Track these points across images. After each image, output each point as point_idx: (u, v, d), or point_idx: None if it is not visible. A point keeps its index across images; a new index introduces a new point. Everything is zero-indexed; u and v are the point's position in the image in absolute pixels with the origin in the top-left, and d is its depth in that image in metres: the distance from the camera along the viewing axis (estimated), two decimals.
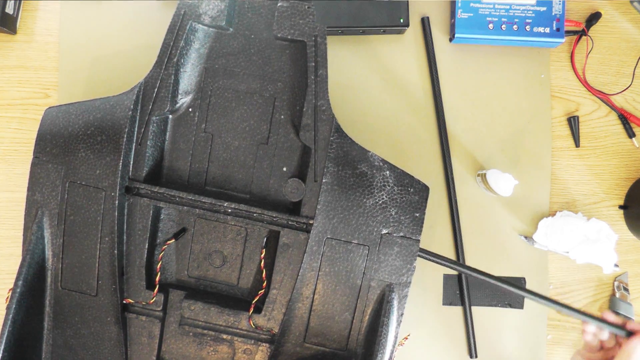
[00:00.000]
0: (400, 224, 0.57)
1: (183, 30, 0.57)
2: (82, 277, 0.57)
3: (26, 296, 0.55)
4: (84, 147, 0.57)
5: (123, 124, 0.56)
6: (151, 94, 0.57)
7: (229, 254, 0.61)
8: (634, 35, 0.70)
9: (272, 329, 0.59)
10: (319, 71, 0.57)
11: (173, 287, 0.60)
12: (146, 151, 0.58)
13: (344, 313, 0.57)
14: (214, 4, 0.57)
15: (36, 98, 0.70)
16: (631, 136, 0.70)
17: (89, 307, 0.58)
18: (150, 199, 0.58)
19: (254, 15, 0.59)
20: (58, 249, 0.57)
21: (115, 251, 0.56)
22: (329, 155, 0.57)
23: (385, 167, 0.58)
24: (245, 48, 0.60)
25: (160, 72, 0.57)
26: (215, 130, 0.61)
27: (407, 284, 0.57)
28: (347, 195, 0.57)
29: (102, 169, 0.56)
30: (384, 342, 0.54)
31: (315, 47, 0.57)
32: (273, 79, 0.60)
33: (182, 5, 0.57)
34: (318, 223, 0.56)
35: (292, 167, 0.60)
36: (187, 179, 0.61)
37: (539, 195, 0.69)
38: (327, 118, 0.57)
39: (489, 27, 0.66)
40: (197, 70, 0.60)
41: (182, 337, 0.59)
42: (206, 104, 0.60)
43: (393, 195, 0.57)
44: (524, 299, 0.69)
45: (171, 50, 0.57)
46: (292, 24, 0.57)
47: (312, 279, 0.57)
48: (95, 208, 0.56)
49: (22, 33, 0.70)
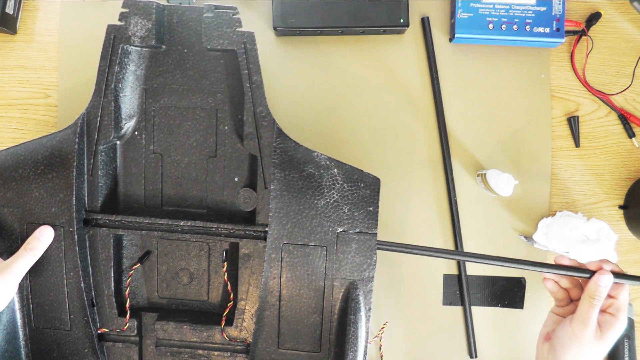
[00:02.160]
0: (354, 220, 0.56)
1: (115, 54, 0.56)
2: (54, 314, 0.58)
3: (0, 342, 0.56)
4: (36, 186, 0.57)
5: (70, 158, 0.56)
6: (95, 123, 0.57)
7: (195, 271, 0.62)
8: (634, 35, 0.70)
9: (245, 339, 0.59)
10: (253, 78, 0.57)
11: (146, 310, 0.61)
12: (99, 181, 0.58)
13: (312, 315, 0.57)
14: (141, 24, 0.56)
15: (36, 98, 0.70)
16: (631, 136, 0.70)
17: (65, 342, 0.58)
18: (109, 228, 0.58)
19: (184, 30, 0.59)
20: (26, 290, 0.57)
21: (82, 284, 0.57)
22: (274, 161, 0.57)
23: (333, 165, 0.57)
24: (181, 64, 0.60)
25: (100, 101, 0.57)
26: (164, 150, 0.61)
27: (371, 279, 0.56)
28: (297, 198, 0.57)
29: (57, 206, 0.56)
30: (354, 340, 0.54)
31: (245, 54, 0.56)
32: (212, 91, 0.60)
33: (110, 30, 0.56)
34: (272, 230, 0.56)
35: (243, 176, 0.61)
36: (144, 202, 0.62)
37: (539, 195, 0.69)
38: (268, 124, 0.57)
39: (489, 27, 0.66)
40: (137, 92, 0.60)
41: (160, 358, 0.60)
42: (151, 124, 0.61)
43: (344, 192, 0.57)
44: (524, 299, 0.69)
45: (107, 76, 0.57)
46: (220, 34, 0.57)
47: (276, 286, 0.57)
48: (57, 245, 0.56)
49: (22, 33, 0.70)
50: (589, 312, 0.53)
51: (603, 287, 0.53)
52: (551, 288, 0.58)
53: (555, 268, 0.55)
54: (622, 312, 0.54)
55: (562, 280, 0.57)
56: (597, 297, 0.53)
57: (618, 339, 0.64)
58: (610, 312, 0.54)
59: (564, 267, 0.55)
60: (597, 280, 0.53)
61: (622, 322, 0.53)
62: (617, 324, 0.53)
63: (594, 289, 0.53)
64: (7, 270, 0.53)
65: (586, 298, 0.53)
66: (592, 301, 0.53)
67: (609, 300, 0.54)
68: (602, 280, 0.53)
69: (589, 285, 0.53)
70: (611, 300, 0.54)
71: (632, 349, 0.68)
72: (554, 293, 0.58)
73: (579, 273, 0.54)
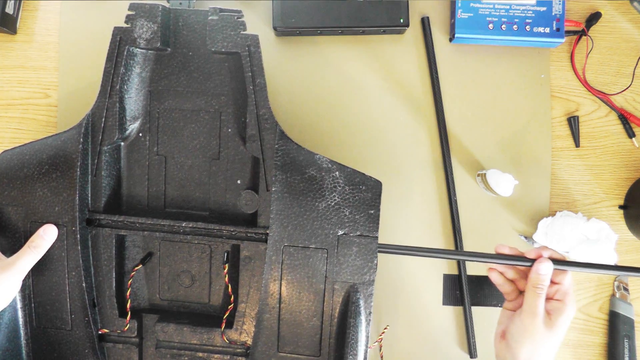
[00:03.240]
0: (355, 223, 0.56)
1: (121, 56, 0.57)
2: (55, 313, 0.58)
3: (2, 340, 0.56)
4: (40, 186, 0.57)
5: (75, 158, 0.57)
6: (99, 124, 0.58)
7: (197, 273, 0.62)
8: (634, 35, 0.70)
9: (245, 342, 0.59)
10: (257, 80, 0.57)
11: (146, 311, 0.61)
12: (102, 181, 0.58)
13: (312, 319, 0.57)
14: (147, 27, 0.57)
15: (36, 98, 0.70)
16: (631, 136, 0.70)
17: (66, 341, 0.58)
18: (111, 229, 0.58)
19: (189, 33, 0.59)
20: (28, 289, 0.58)
21: (83, 284, 0.57)
22: (276, 163, 0.57)
23: (334, 168, 0.57)
24: (185, 66, 0.60)
25: (105, 102, 0.57)
26: (168, 152, 0.61)
27: (371, 282, 0.56)
28: (298, 201, 0.57)
29: (60, 206, 0.56)
30: (354, 344, 0.54)
31: (249, 56, 0.57)
32: (216, 94, 0.60)
33: (116, 32, 0.57)
34: (273, 232, 0.56)
35: (245, 179, 0.61)
36: (147, 204, 0.62)
37: (539, 195, 0.69)
38: (271, 126, 0.57)
39: (489, 27, 0.66)
40: (142, 94, 0.60)
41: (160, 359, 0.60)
42: (155, 126, 0.61)
43: (345, 195, 0.57)
44: None
45: (112, 78, 0.57)
46: (224, 37, 0.57)
47: (276, 288, 0.57)
48: (59, 244, 0.57)
49: (22, 33, 0.70)
50: (535, 302, 0.53)
51: (544, 275, 0.53)
52: (496, 280, 0.58)
53: (495, 258, 0.55)
54: (569, 297, 0.54)
55: (508, 271, 0.57)
56: (539, 285, 0.53)
57: (618, 339, 0.64)
58: (557, 298, 0.54)
59: (503, 257, 0.55)
60: (537, 269, 0.53)
61: (571, 307, 0.53)
62: (566, 309, 0.53)
63: (536, 278, 0.53)
64: (11, 267, 0.53)
65: (530, 288, 0.53)
66: (536, 290, 0.53)
67: (554, 287, 0.54)
68: (542, 268, 0.53)
69: (530, 275, 0.53)
70: (556, 286, 0.54)
71: (632, 349, 0.68)
72: (500, 285, 0.58)
73: (518, 262, 0.54)
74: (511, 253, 0.55)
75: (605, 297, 0.70)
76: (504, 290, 0.58)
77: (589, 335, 0.70)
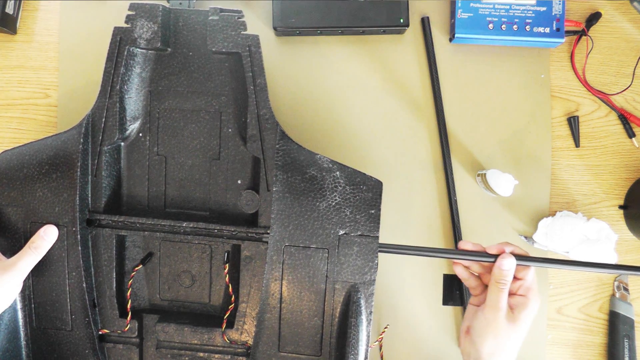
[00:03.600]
0: (356, 223, 0.56)
1: (121, 56, 0.57)
2: (55, 314, 0.58)
3: (1, 341, 0.56)
4: (40, 186, 0.57)
5: (75, 158, 0.57)
6: (99, 124, 0.58)
7: (197, 273, 0.62)
8: (634, 35, 0.70)
9: (246, 342, 0.59)
10: (257, 80, 0.57)
11: (147, 312, 0.61)
12: (102, 182, 0.58)
13: (313, 318, 0.57)
14: (147, 27, 0.57)
15: (36, 98, 0.70)
16: (631, 136, 0.70)
17: (66, 342, 0.58)
18: (112, 229, 0.58)
19: (189, 33, 0.59)
20: (28, 290, 0.58)
21: (84, 285, 0.57)
22: (276, 163, 0.57)
23: (335, 168, 0.58)
24: (186, 66, 0.60)
25: (105, 102, 0.57)
26: (168, 152, 0.61)
27: (372, 282, 0.56)
28: (299, 201, 0.57)
29: (60, 206, 0.56)
30: (355, 343, 0.54)
31: (250, 57, 0.57)
32: (216, 94, 0.60)
33: (117, 32, 0.57)
34: (274, 232, 0.56)
35: (246, 179, 0.61)
36: (147, 204, 0.62)
37: (539, 195, 0.69)
38: (271, 126, 0.57)
39: (489, 27, 0.66)
40: (142, 94, 0.60)
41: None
42: (155, 126, 0.61)
43: (346, 195, 0.57)
44: None
45: (113, 78, 0.57)
46: (225, 37, 0.57)
47: (277, 288, 0.57)
48: (59, 245, 0.57)
49: (22, 33, 0.70)
50: (498, 297, 0.53)
51: (506, 271, 0.53)
52: (461, 274, 0.58)
53: (460, 254, 0.56)
54: (532, 292, 0.54)
55: (473, 265, 0.57)
56: (502, 281, 0.53)
57: (618, 339, 0.64)
58: (521, 293, 0.54)
59: (467, 253, 0.56)
60: (499, 265, 0.53)
61: (534, 302, 0.54)
62: (529, 303, 0.54)
63: (498, 273, 0.54)
64: (12, 268, 0.53)
65: (493, 283, 0.54)
66: (499, 285, 0.54)
67: (517, 282, 0.55)
68: (504, 264, 0.53)
69: (493, 271, 0.54)
70: (519, 282, 0.55)
71: (632, 349, 0.68)
72: (466, 280, 0.58)
73: (481, 258, 0.55)
74: (474, 249, 0.56)
75: (605, 297, 0.70)
76: (470, 285, 0.59)
77: (589, 335, 0.70)
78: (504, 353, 0.54)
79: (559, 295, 0.70)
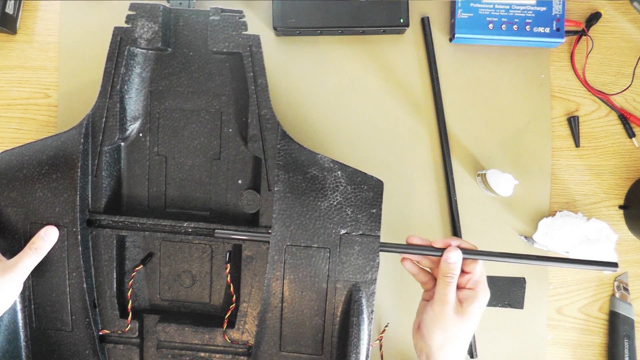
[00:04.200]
0: (357, 222, 0.56)
1: (122, 56, 0.57)
2: (55, 314, 0.58)
3: (1, 342, 0.56)
4: (40, 186, 0.57)
5: (75, 158, 0.57)
6: (100, 124, 0.58)
7: (198, 273, 0.62)
8: (634, 35, 0.70)
9: (247, 341, 0.59)
10: (259, 80, 0.57)
11: (147, 312, 0.61)
12: (102, 182, 0.58)
13: (315, 318, 0.57)
14: (148, 27, 0.57)
15: (36, 98, 0.70)
16: (631, 136, 0.70)
17: (66, 343, 0.58)
18: (112, 229, 0.58)
19: (190, 33, 0.59)
20: (28, 290, 0.57)
21: (84, 285, 0.57)
22: (278, 163, 0.57)
23: (336, 167, 0.58)
24: (186, 66, 0.60)
25: (105, 102, 0.57)
26: (168, 152, 0.61)
27: (373, 281, 0.56)
28: (300, 200, 0.57)
29: (61, 206, 0.56)
30: (356, 342, 0.54)
31: (251, 57, 0.57)
32: (217, 94, 0.60)
33: (117, 32, 0.57)
34: (276, 232, 0.56)
35: (246, 179, 0.61)
36: (147, 204, 0.62)
37: (539, 195, 0.69)
38: (273, 126, 0.57)
39: (489, 27, 0.66)
40: (142, 94, 0.60)
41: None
42: (155, 127, 0.61)
43: (347, 194, 0.57)
44: (524, 299, 0.69)
45: (113, 78, 0.57)
46: (226, 37, 0.57)
47: (278, 287, 0.57)
48: (59, 245, 0.56)
49: (22, 33, 0.70)
50: (445, 290, 0.54)
51: (453, 264, 0.54)
52: (410, 268, 0.59)
53: (407, 248, 0.56)
54: (481, 285, 0.55)
55: (422, 260, 0.58)
56: (449, 274, 0.54)
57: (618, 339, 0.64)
58: (470, 287, 0.55)
59: (414, 247, 0.56)
60: (446, 258, 0.54)
61: (483, 295, 0.54)
62: (478, 296, 0.54)
63: (445, 266, 0.54)
64: (13, 269, 0.53)
65: (440, 277, 0.55)
66: (446, 279, 0.54)
67: (466, 276, 0.55)
68: (451, 257, 0.54)
69: (440, 265, 0.55)
70: (468, 275, 0.55)
71: (632, 349, 0.68)
72: (416, 275, 0.59)
73: (428, 252, 0.55)
74: (421, 243, 0.56)
75: (605, 297, 0.70)
76: (420, 280, 0.59)
77: (589, 335, 0.70)
78: (453, 346, 0.54)
79: (559, 295, 0.70)
